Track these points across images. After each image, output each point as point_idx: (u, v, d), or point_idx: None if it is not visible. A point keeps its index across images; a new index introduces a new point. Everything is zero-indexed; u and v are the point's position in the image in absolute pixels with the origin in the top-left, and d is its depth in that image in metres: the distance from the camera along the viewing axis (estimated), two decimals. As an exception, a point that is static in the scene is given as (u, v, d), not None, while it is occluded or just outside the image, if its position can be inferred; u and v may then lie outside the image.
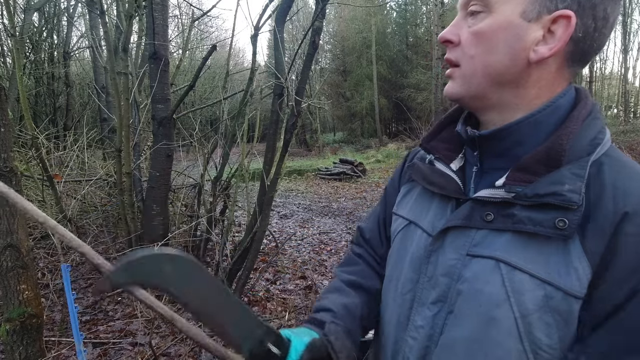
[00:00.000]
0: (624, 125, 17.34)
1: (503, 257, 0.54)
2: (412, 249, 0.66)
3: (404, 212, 0.72)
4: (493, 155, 0.61)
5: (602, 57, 27.40)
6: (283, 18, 2.90)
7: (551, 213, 0.51)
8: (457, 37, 0.59)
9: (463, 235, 0.59)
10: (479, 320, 0.55)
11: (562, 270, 0.50)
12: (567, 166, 0.52)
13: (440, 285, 0.61)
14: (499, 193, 0.56)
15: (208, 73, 12.10)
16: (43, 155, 2.96)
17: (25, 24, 7.31)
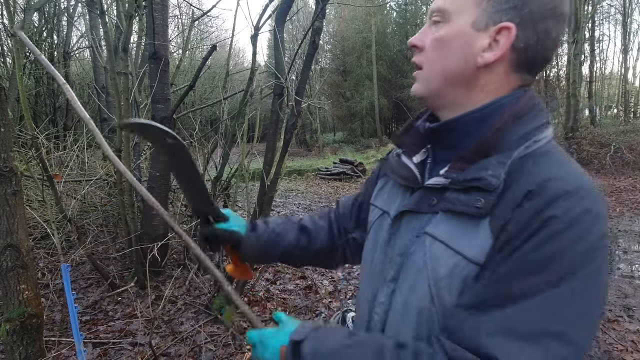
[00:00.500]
0: (624, 125, 17.33)
1: (430, 231, 0.64)
2: (382, 234, 0.75)
3: (379, 203, 0.81)
4: (444, 147, 0.69)
5: (602, 57, 27.42)
6: (283, 18, 2.91)
7: (474, 195, 0.59)
8: (423, 42, 0.67)
9: (415, 219, 0.68)
10: (408, 287, 0.65)
11: (470, 241, 0.58)
12: (495, 156, 0.60)
13: (396, 264, 0.69)
14: (439, 180, 0.64)
15: (208, 73, 12.09)
16: (43, 155, 2.96)
17: (25, 24, 7.31)
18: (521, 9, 0.59)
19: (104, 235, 4.59)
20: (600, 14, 23.77)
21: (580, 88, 15.32)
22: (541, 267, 0.52)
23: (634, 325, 2.95)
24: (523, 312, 0.51)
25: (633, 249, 4.95)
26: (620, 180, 9.71)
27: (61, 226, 3.86)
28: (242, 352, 2.60)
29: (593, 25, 20.51)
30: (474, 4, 0.62)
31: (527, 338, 0.50)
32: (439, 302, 0.61)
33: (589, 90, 19.70)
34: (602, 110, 26.35)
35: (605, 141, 12.18)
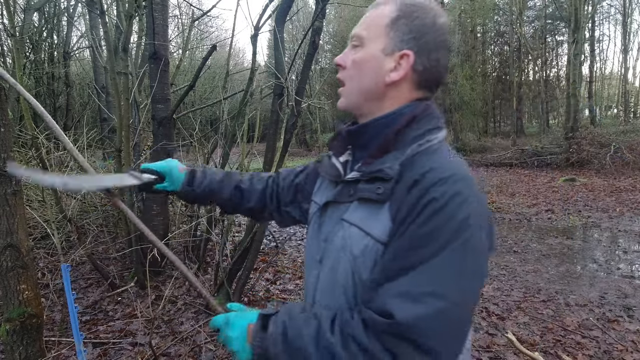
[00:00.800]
0: (624, 125, 17.33)
1: (347, 218, 0.76)
2: (314, 224, 0.88)
3: (316, 199, 0.92)
4: (360, 148, 0.82)
5: (602, 57, 27.43)
6: (283, 18, 2.90)
7: (376, 184, 0.72)
8: (345, 62, 0.81)
9: (337, 208, 0.81)
10: (330, 267, 0.77)
11: (376, 224, 0.71)
12: (394, 152, 0.74)
13: (321, 248, 0.82)
14: (355, 174, 0.77)
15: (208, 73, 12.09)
16: (43, 155, 2.96)
17: (25, 24, 7.31)
18: (419, 40, 0.76)
19: (104, 235, 4.59)
20: (600, 14, 23.79)
21: (580, 88, 15.32)
22: (425, 241, 0.64)
23: (634, 325, 2.95)
24: (412, 278, 0.64)
25: (633, 249, 4.95)
26: (620, 180, 9.71)
27: (61, 226, 3.86)
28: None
29: (593, 25, 20.52)
30: (384, 34, 0.77)
31: (415, 298, 0.63)
32: (358, 278, 0.73)
33: (589, 90, 19.70)
34: (602, 110, 26.36)
35: (605, 141, 12.18)
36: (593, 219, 6.39)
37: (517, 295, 3.58)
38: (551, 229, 5.96)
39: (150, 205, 3.85)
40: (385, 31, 0.77)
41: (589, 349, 2.64)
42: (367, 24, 0.80)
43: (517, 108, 20.19)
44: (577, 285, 3.83)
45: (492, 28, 24.89)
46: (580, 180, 9.86)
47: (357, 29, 0.80)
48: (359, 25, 0.81)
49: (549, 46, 24.80)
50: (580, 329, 2.91)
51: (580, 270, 4.26)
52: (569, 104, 13.32)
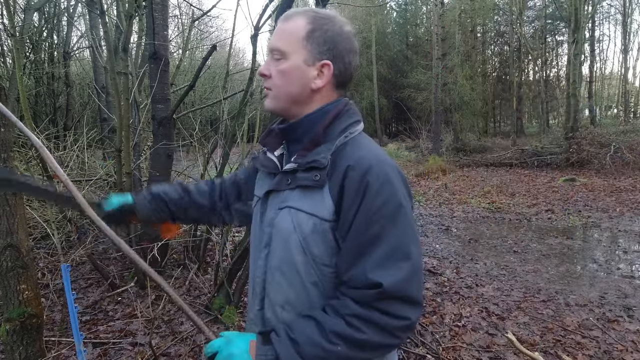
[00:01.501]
0: (624, 125, 17.32)
1: (291, 204, 0.87)
2: (257, 214, 0.98)
3: (256, 191, 1.02)
4: (293, 142, 0.94)
5: (602, 57, 27.42)
6: (283, 18, 2.90)
7: (313, 172, 0.84)
8: (269, 72, 0.91)
9: (277, 196, 0.91)
10: (283, 247, 0.87)
11: (320, 206, 0.83)
12: (324, 144, 0.87)
13: (266, 233, 0.91)
14: (292, 165, 0.88)
15: (208, 73, 12.08)
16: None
17: (25, 24, 7.30)
18: (333, 49, 0.88)
19: (104, 235, 4.58)
20: (600, 14, 23.79)
21: (580, 88, 15.31)
22: (376, 220, 0.79)
23: (634, 325, 2.95)
24: (381, 251, 0.78)
25: (633, 249, 4.95)
26: (620, 180, 9.71)
27: (61, 226, 3.86)
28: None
29: (593, 25, 20.52)
30: (302, 47, 0.88)
31: (392, 266, 0.78)
32: (310, 254, 0.84)
33: (589, 90, 19.69)
34: (602, 110, 26.35)
35: (605, 141, 12.18)
36: (593, 219, 6.39)
37: (517, 295, 3.58)
38: (551, 229, 5.96)
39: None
40: (303, 44, 0.87)
41: (589, 349, 2.64)
42: (285, 38, 0.89)
43: (517, 108, 20.18)
44: (577, 285, 3.83)
45: (492, 28, 24.89)
46: (580, 180, 9.86)
47: (276, 43, 0.89)
48: (276, 38, 0.90)
49: (549, 46, 24.80)
50: (580, 329, 2.91)
51: (580, 270, 4.26)
52: (569, 104, 13.32)
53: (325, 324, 0.78)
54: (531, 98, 24.67)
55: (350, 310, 0.78)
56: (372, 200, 0.79)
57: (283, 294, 0.89)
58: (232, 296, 3.11)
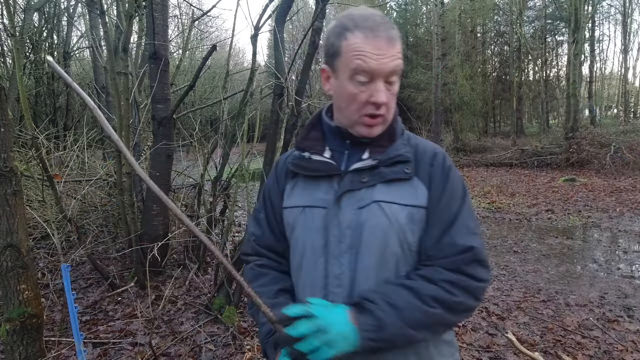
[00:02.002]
0: (624, 125, 17.33)
1: (381, 199, 0.87)
2: (315, 224, 0.91)
3: (295, 202, 0.95)
4: (360, 144, 0.93)
5: (602, 57, 27.41)
6: (283, 18, 2.90)
7: (400, 166, 0.89)
8: (389, 100, 0.89)
9: (352, 196, 0.89)
10: (378, 245, 0.86)
11: (414, 195, 0.88)
12: (398, 141, 0.92)
13: (347, 237, 0.88)
14: (367, 163, 0.90)
15: (208, 73, 12.08)
16: (43, 155, 2.95)
17: (25, 24, 7.30)
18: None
19: (104, 235, 4.59)
20: (600, 14, 23.78)
21: (580, 88, 15.31)
22: (456, 196, 0.90)
23: (634, 325, 2.95)
24: (464, 220, 0.88)
25: (633, 249, 4.95)
26: (620, 180, 9.71)
27: (61, 226, 3.86)
28: (242, 352, 2.60)
29: (593, 25, 20.51)
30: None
31: (475, 233, 0.89)
32: (406, 244, 0.88)
33: (589, 90, 19.69)
34: (602, 110, 26.34)
35: (605, 141, 12.18)
36: (593, 219, 6.39)
37: (517, 295, 3.58)
38: (551, 229, 5.96)
39: (150, 205, 3.85)
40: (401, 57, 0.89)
41: (589, 349, 2.64)
42: (400, 57, 0.87)
43: (517, 108, 20.18)
44: (577, 285, 3.83)
45: (492, 28, 24.89)
46: (580, 180, 9.86)
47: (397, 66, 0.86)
48: (395, 61, 0.85)
49: (549, 46, 24.80)
50: (580, 329, 2.91)
51: (580, 270, 4.26)
52: (569, 104, 13.32)
53: (420, 290, 0.83)
54: (531, 98, 24.67)
55: (443, 276, 0.84)
56: (453, 182, 0.90)
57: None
58: (232, 296, 3.11)
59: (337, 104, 0.94)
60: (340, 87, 0.89)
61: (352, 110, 0.89)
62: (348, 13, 0.89)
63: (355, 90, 0.86)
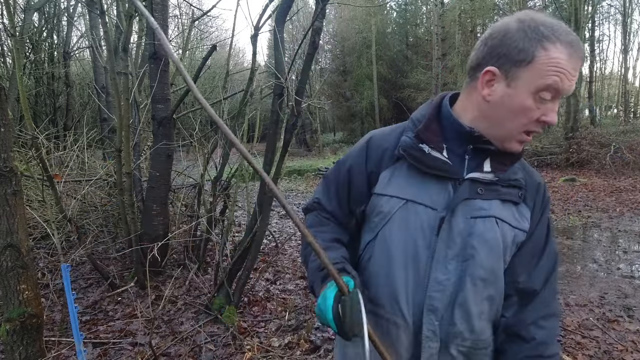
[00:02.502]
0: (624, 125, 17.32)
1: (498, 215, 0.87)
2: (420, 222, 0.88)
3: (396, 192, 0.90)
4: (481, 150, 0.89)
5: (602, 57, 27.38)
6: (283, 18, 2.90)
7: (516, 189, 0.89)
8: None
9: (467, 205, 0.87)
10: (489, 257, 0.87)
11: (521, 220, 0.90)
12: (518, 162, 0.91)
13: (456, 244, 0.87)
14: (487, 176, 0.87)
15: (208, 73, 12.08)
16: (43, 155, 2.95)
17: (25, 24, 7.30)
18: None
19: (104, 235, 4.58)
20: (600, 14, 23.77)
21: (580, 88, 15.31)
22: (549, 227, 0.95)
23: (634, 325, 2.95)
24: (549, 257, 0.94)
25: (633, 249, 4.95)
26: (620, 180, 9.71)
27: (61, 226, 3.86)
28: (242, 352, 2.60)
29: (593, 25, 20.50)
30: None
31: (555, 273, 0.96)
32: (503, 262, 0.89)
33: (589, 90, 19.68)
34: (602, 110, 26.33)
35: (605, 141, 12.18)
36: (593, 219, 6.39)
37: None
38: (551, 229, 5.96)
39: (150, 205, 3.85)
40: None
41: (589, 349, 2.64)
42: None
43: (517, 108, 20.12)
44: (577, 285, 3.83)
45: (492, 28, 24.86)
46: (580, 180, 9.86)
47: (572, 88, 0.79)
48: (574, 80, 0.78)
49: (549, 46, 24.76)
50: (580, 329, 2.91)
51: (580, 270, 4.26)
52: (569, 104, 13.31)
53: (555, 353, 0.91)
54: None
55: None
56: (548, 213, 0.96)
57: (480, 304, 0.88)
58: (232, 296, 3.11)
59: (493, 113, 0.84)
60: (512, 98, 0.79)
61: (517, 125, 0.81)
62: (540, 19, 0.78)
63: (534, 106, 0.78)
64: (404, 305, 0.89)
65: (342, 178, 0.99)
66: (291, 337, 2.80)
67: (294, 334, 2.84)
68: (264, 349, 2.64)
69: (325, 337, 2.80)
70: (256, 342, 2.70)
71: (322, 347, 2.68)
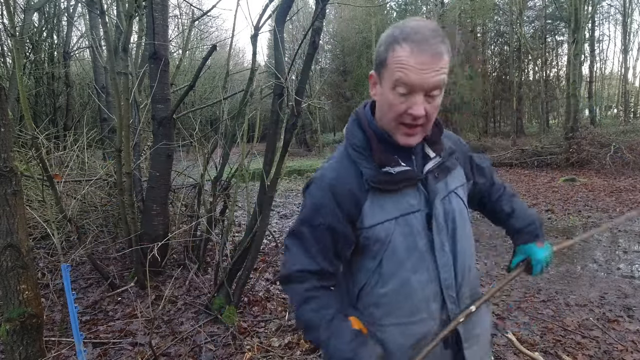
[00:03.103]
0: (624, 125, 17.32)
1: (452, 188, 1.04)
2: (415, 227, 0.97)
3: (384, 217, 0.96)
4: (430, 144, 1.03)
5: (602, 57, 27.39)
6: (283, 18, 2.90)
7: (452, 157, 1.06)
8: (432, 113, 0.93)
9: (438, 194, 1.00)
10: (465, 222, 1.05)
11: (462, 175, 1.10)
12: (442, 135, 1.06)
13: (444, 227, 0.99)
14: (437, 161, 1.01)
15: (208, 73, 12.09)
16: (43, 155, 2.95)
17: (25, 24, 7.30)
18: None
19: (104, 235, 4.59)
20: (600, 14, 23.76)
21: (580, 88, 15.31)
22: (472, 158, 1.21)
23: (634, 325, 2.95)
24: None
25: (633, 249, 4.95)
26: (620, 180, 9.71)
27: (61, 226, 3.86)
28: (242, 352, 2.60)
29: (593, 25, 20.51)
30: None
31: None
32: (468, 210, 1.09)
33: (589, 90, 19.69)
34: (602, 110, 26.34)
35: (605, 141, 12.17)
36: (593, 219, 6.39)
37: (517, 295, 3.58)
38: (551, 229, 5.96)
39: (150, 205, 3.85)
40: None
41: (589, 349, 2.64)
42: (445, 72, 0.89)
43: (517, 108, 20.18)
44: (577, 285, 3.83)
45: (492, 28, 24.88)
46: (580, 180, 9.86)
47: (440, 81, 0.88)
48: (440, 76, 0.87)
49: (549, 46, 24.79)
50: (580, 329, 2.91)
51: (580, 270, 4.26)
52: (569, 104, 13.31)
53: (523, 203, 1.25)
54: (531, 98, 24.66)
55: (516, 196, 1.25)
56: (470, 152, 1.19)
57: (470, 261, 1.06)
58: (232, 296, 3.11)
59: (379, 110, 0.98)
60: (382, 95, 0.93)
61: (390, 118, 0.93)
62: (402, 24, 0.90)
63: (395, 100, 0.89)
64: (428, 302, 0.99)
65: (322, 235, 0.98)
66: (291, 337, 2.80)
67: (294, 334, 2.84)
68: (264, 349, 2.64)
69: (325, 337, 2.80)
70: (256, 342, 2.70)
71: (322, 347, 2.68)
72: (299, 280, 1.00)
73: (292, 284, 1.01)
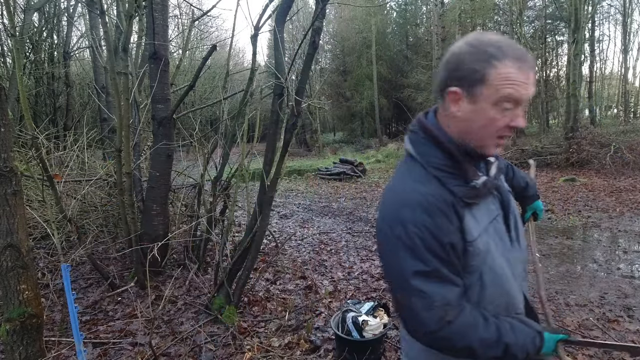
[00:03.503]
0: (624, 125, 17.32)
1: (503, 183, 1.12)
2: (500, 230, 1.02)
3: (480, 229, 0.96)
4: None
5: (602, 57, 27.39)
6: (283, 18, 2.90)
7: (499, 158, 1.13)
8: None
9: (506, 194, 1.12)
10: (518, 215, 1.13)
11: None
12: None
13: (513, 222, 1.07)
14: (496, 163, 1.08)
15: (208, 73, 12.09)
16: (43, 155, 2.95)
17: (25, 24, 7.30)
18: None
19: (104, 235, 4.59)
20: (600, 14, 23.77)
21: (580, 88, 15.31)
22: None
23: (634, 325, 2.95)
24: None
25: (633, 249, 4.95)
26: (620, 180, 9.71)
27: (61, 226, 3.86)
28: (242, 352, 2.60)
29: (593, 25, 20.50)
30: None
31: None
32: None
33: (589, 90, 19.69)
34: (602, 110, 26.34)
35: (605, 141, 12.17)
36: (593, 219, 6.39)
37: (517, 295, 3.58)
38: (551, 229, 5.96)
39: (150, 205, 3.85)
40: None
41: (589, 349, 2.64)
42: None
43: (517, 108, 20.11)
44: (577, 285, 3.83)
45: (492, 28, 24.88)
46: (580, 180, 9.86)
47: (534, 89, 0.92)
48: (533, 86, 0.90)
49: (549, 46, 24.79)
50: (580, 329, 2.91)
51: (580, 270, 4.26)
52: (569, 104, 13.31)
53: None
54: (531, 98, 24.64)
55: None
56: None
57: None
58: (232, 296, 3.11)
59: (465, 126, 0.94)
60: (478, 112, 0.91)
61: (488, 133, 0.93)
62: (486, 39, 0.89)
63: (498, 115, 0.90)
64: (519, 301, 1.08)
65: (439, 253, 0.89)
66: (291, 337, 2.80)
67: (294, 334, 2.84)
68: (264, 349, 2.64)
69: (325, 337, 2.80)
70: (256, 342, 2.70)
71: (322, 347, 2.68)
72: (453, 315, 0.88)
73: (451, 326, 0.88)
